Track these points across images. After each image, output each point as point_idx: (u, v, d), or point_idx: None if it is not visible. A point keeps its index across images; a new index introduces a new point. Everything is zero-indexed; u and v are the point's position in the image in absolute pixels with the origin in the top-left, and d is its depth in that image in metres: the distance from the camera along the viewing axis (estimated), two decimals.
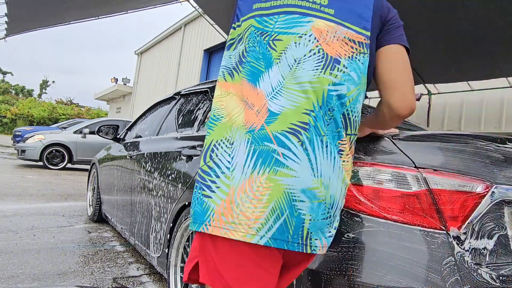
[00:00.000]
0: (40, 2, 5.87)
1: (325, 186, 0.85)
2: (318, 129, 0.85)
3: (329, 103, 0.86)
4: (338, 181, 0.88)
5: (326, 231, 0.89)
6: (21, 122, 24.11)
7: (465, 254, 1.01)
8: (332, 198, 0.87)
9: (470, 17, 4.03)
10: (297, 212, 0.83)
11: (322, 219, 0.86)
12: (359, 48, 0.90)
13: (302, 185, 0.83)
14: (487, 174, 1.09)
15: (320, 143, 0.85)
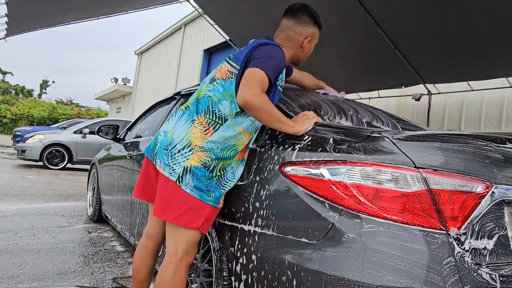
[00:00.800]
0: (40, 2, 5.87)
1: (174, 132, 1.45)
2: (189, 109, 1.50)
3: (199, 99, 1.49)
4: (182, 134, 1.42)
5: (165, 160, 1.41)
6: (22, 122, 24.12)
7: (465, 254, 1.01)
8: (173, 140, 1.43)
9: (470, 17, 4.03)
10: (156, 140, 1.50)
11: (163, 148, 1.43)
12: (231, 75, 1.46)
13: (164, 128, 1.51)
14: (487, 174, 1.09)
15: (183, 114, 1.49)
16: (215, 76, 1.51)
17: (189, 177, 1.36)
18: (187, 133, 1.41)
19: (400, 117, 2.44)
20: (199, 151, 1.38)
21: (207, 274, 1.61)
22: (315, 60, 6.48)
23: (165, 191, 1.39)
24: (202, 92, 1.50)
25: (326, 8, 5.15)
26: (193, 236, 1.41)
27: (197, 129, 1.41)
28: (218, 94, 1.44)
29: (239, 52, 1.50)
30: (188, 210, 1.36)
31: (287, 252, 1.17)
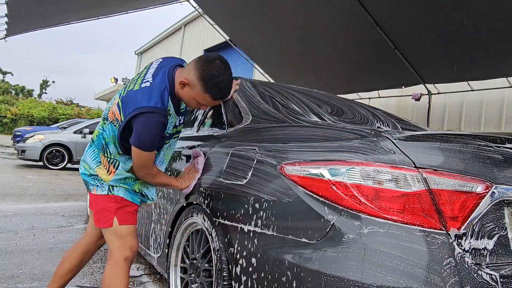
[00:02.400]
0: (40, 2, 5.87)
1: (90, 167, 1.61)
2: (96, 143, 1.62)
3: (98, 135, 1.61)
4: (94, 171, 1.60)
5: (95, 183, 1.59)
6: (22, 122, 24.12)
7: (465, 255, 1.01)
8: (93, 173, 1.60)
9: (470, 17, 4.03)
10: (82, 173, 1.65)
11: (89, 177, 1.61)
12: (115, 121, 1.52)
13: (84, 159, 1.65)
14: (487, 174, 1.09)
15: (91, 147, 1.64)
16: (108, 115, 1.58)
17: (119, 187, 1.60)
18: (96, 171, 1.60)
19: (400, 117, 2.44)
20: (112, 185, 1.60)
21: (207, 274, 1.61)
22: (316, 60, 6.53)
23: (94, 203, 1.63)
24: (98, 128, 1.64)
25: (326, 8, 5.15)
26: (117, 231, 1.57)
27: (102, 170, 1.59)
28: (108, 137, 1.57)
29: (129, 97, 1.47)
30: (102, 211, 1.59)
31: (287, 252, 1.17)
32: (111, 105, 1.60)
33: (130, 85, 1.54)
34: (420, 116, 6.26)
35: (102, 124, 1.60)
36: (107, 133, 1.55)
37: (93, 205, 1.63)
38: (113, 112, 1.54)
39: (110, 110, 1.57)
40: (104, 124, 1.58)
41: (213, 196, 1.57)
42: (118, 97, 1.55)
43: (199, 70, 1.47)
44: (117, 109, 1.51)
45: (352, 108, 2.18)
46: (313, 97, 2.11)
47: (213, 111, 2.18)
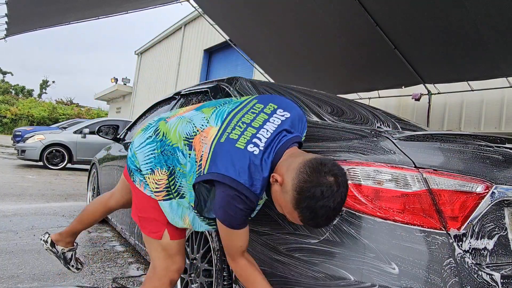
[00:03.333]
0: (40, 2, 5.87)
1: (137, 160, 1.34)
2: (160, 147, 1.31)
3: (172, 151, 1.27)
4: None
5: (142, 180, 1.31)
6: (23, 122, 24.12)
7: (465, 255, 1.01)
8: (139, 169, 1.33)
9: (470, 17, 4.03)
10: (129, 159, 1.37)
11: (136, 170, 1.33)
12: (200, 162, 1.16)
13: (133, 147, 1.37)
14: (487, 174, 1.09)
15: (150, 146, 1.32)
16: (193, 142, 1.19)
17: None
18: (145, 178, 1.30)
19: (400, 117, 2.44)
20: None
21: (207, 274, 1.61)
22: (316, 60, 6.51)
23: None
24: (177, 143, 1.23)
25: (327, 8, 5.15)
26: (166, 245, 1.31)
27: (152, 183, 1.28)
28: (182, 168, 1.23)
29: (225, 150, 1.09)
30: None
31: (287, 251, 1.17)
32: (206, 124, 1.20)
33: (236, 125, 1.14)
34: (420, 116, 6.26)
35: (184, 142, 1.21)
36: (185, 163, 1.20)
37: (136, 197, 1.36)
38: (201, 146, 1.15)
39: (197, 136, 1.18)
40: (185, 147, 1.20)
41: None
42: (218, 123, 1.18)
43: (301, 177, 1.00)
44: (207, 149, 1.12)
45: (352, 108, 2.18)
46: (313, 97, 2.11)
47: None
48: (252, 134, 1.10)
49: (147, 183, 1.29)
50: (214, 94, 2.23)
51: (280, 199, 1.06)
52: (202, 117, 1.23)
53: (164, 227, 1.30)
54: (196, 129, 1.20)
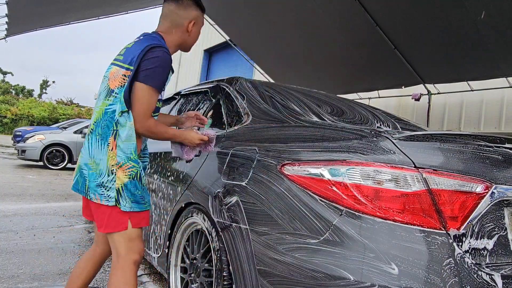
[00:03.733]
0: (40, 2, 5.87)
1: (96, 163, 1.43)
2: (95, 132, 1.46)
3: (102, 119, 1.46)
4: (104, 162, 1.42)
5: (99, 191, 1.41)
6: (23, 122, 24.12)
7: (465, 255, 1.01)
8: (100, 171, 1.42)
9: (470, 17, 4.03)
10: (82, 175, 1.47)
11: (94, 182, 1.42)
12: (125, 79, 1.44)
13: (84, 161, 1.47)
14: (487, 174, 1.09)
15: (94, 140, 1.46)
16: (110, 87, 1.46)
17: (124, 195, 1.41)
18: (107, 159, 1.41)
19: (400, 117, 2.44)
20: (119, 168, 1.41)
21: (207, 274, 1.61)
22: (316, 60, 6.52)
23: (98, 212, 1.46)
24: (102, 109, 1.45)
25: (326, 8, 5.15)
26: (127, 235, 1.44)
27: (110, 152, 1.42)
28: (118, 104, 1.42)
29: (127, 53, 1.47)
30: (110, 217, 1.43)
31: (287, 252, 1.17)
32: (104, 79, 1.54)
33: (120, 52, 1.55)
34: (420, 116, 6.26)
35: (106, 102, 1.45)
36: (117, 100, 1.42)
37: (95, 214, 1.47)
38: (120, 77, 1.43)
39: (112, 80, 1.46)
40: (110, 100, 1.44)
41: (213, 196, 1.57)
42: (108, 69, 1.53)
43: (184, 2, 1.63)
44: (122, 69, 1.44)
45: (352, 108, 2.18)
46: (313, 97, 2.11)
47: (213, 111, 2.18)
48: (130, 44, 1.57)
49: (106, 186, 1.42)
50: (214, 94, 2.23)
51: (195, 29, 1.68)
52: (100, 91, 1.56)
53: (127, 217, 1.43)
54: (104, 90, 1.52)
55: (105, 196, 1.41)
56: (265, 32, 6.50)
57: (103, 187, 1.41)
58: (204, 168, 1.75)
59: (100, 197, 1.41)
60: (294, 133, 1.44)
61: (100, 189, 1.41)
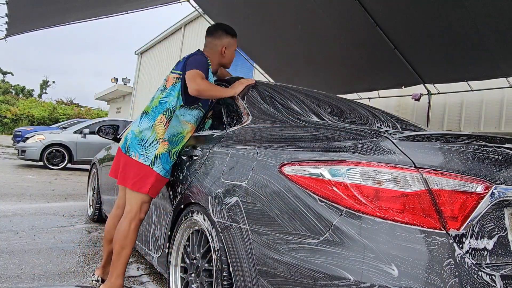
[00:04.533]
0: (40, 2, 5.87)
1: (141, 132, 1.99)
2: (150, 114, 2.04)
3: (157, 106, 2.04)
4: (149, 132, 1.98)
5: (139, 151, 1.95)
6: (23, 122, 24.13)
7: (465, 255, 1.01)
8: (143, 137, 1.98)
9: (470, 17, 4.03)
10: (126, 139, 2.02)
11: (136, 144, 1.97)
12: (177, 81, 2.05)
13: (132, 129, 2.04)
14: (487, 174, 1.09)
15: (145, 117, 2.03)
16: (166, 86, 2.06)
17: (159, 161, 1.96)
18: (152, 131, 1.98)
19: (400, 117, 2.44)
20: (162, 142, 1.98)
21: (207, 274, 1.61)
22: (316, 60, 6.52)
23: (131, 169, 1.96)
24: (157, 100, 2.05)
25: (326, 8, 5.15)
26: (144, 198, 1.96)
27: (159, 127, 1.98)
28: (171, 97, 2.02)
29: (178, 65, 2.10)
30: (141, 179, 1.94)
31: (287, 252, 1.17)
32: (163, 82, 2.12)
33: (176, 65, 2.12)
34: (420, 116, 6.26)
35: (161, 95, 2.04)
36: (170, 94, 2.02)
37: (127, 169, 1.97)
38: (172, 80, 2.05)
39: (166, 82, 2.07)
40: (163, 94, 2.04)
41: (213, 196, 1.57)
42: (167, 77, 2.10)
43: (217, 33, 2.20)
44: (173, 75, 2.06)
45: (352, 108, 2.18)
46: (313, 97, 2.11)
47: (213, 111, 2.18)
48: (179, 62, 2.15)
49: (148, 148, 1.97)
50: None
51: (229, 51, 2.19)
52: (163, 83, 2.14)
53: (149, 186, 1.93)
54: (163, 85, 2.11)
55: (144, 157, 1.94)
56: (265, 32, 6.50)
57: (145, 150, 1.95)
58: (204, 168, 1.75)
59: (140, 156, 1.95)
60: (294, 133, 1.44)
61: (141, 150, 1.95)
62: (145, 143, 1.95)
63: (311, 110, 1.84)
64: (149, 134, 1.96)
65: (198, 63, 1.99)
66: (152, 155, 1.94)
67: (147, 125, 1.98)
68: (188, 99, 2.02)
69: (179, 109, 2.02)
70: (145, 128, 1.98)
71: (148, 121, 2.00)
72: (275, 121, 1.65)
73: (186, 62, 2.01)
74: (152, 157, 1.94)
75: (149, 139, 1.96)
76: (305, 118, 1.66)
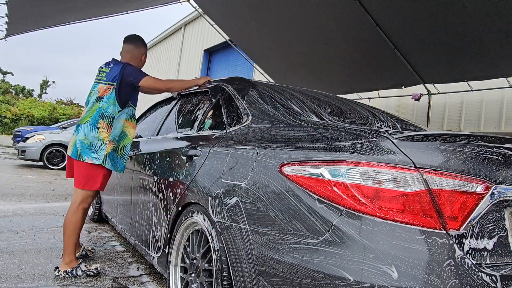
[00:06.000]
0: (40, 2, 5.86)
1: (88, 139, 2.34)
2: (90, 122, 2.37)
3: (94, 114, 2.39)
4: (95, 137, 2.35)
5: (91, 154, 2.33)
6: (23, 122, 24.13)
7: (465, 255, 1.01)
8: (92, 143, 2.33)
9: (470, 17, 4.03)
10: (76, 147, 2.35)
11: (87, 149, 2.32)
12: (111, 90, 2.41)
13: (79, 138, 2.37)
14: (487, 174, 1.09)
15: (87, 126, 2.37)
16: (99, 96, 2.40)
17: (108, 159, 2.38)
18: (98, 136, 2.36)
19: (400, 117, 2.44)
20: (109, 143, 2.38)
21: (207, 274, 1.61)
22: (316, 60, 6.51)
23: (82, 172, 2.36)
24: (94, 109, 2.39)
25: (326, 8, 5.15)
26: (89, 193, 2.41)
27: (103, 132, 2.37)
28: (106, 105, 2.38)
29: (108, 75, 2.43)
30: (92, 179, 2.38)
31: (287, 252, 1.17)
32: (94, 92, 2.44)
33: (101, 75, 2.47)
34: (420, 116, 6.26)
35: (96, 105, 2.39)
36: (105, 102, 2.38)
37: (79, 172, 2.36)
38: (105, 90, 2.40)
39: (99, 92, 2.41)
40: (99, 103, 2.39)
41: (213, 196, 1.57)
42: (96, 85, 2.46)
43: (138, 43, 2.66)
44: (105, 85, 2.41)
45: (352, 108, 2.18)
46: (313, 97, 2.11)
47: (213, 111, 2.18)
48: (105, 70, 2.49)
49: (97, 150, 2.36)
50: (214, 94, 2.23)
51: (145, 59, 2.68)
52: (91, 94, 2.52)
53: (99, 183, 2.40)
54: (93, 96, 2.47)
55: (96, 158, 2.34)
56: (265, 32, 6.50)
57: (95, 153, 2.34)
58: (204, 168, 1.75)
59: (93, 158, 2.33)
60: (294, 133, 1.44)
61: (93, 153, 2.34)
62: (94, 147, 2.34)
63: (311, 110, 1.84)
64: (96, 139, 2.35)
65: (138, 71, 2.46)
66: (102, 155, 2.34)
67: (93, 133, 2.35)
68: (122, 103, 2.42)
69: (117, 114, 2.41)
70: (92, 136, 2.35)
71: (92, 129, 2.36)
72: (275, 121, 1.65)
73: (121, 75, 2.39)
74: (103, 157, 2.34)
75: (97, 144, 2.34)
76: (305, 118, 1.66)
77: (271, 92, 1.95)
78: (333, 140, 1.26)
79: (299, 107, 1.82)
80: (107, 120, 2.36)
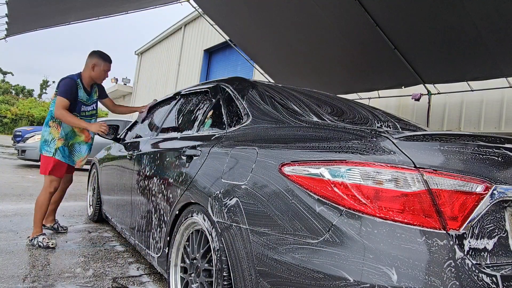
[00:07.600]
0: (40, 2, 5.86)
1: (43, 136, 3.03)
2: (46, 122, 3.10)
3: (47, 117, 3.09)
4: (49, 135, 3.00)
5: (46, 148, 2.98)
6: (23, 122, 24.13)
7: (465, 255, 1.01)
8: (46, 139, 3.00)
9: (470, 17, 4.03)
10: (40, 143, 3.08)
11: (43, 144, 3.00)
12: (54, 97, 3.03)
13: (41, 135, 3.08)
14: (487, 174, 1.09)
15: (44, 124, 3.09)
16: (51, 100, 3.00)
17: (58, 152, 2.96)
18: (49, 134, 2.97)
19: (400, 117, 2.44)
20: (58, 139, 2.97)
21: (207, 274, 1.61)
22: (316, 60, 6.51)
23: (42, 162, 2.97)
24: (48, 111, 3.04)
25: (326, 8, 5.15)
26: (51, 178, 2.96)
27: (53, 130, 2.98)
28: (52, 108, 2.96)
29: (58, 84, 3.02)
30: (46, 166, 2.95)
31: (287, 252, 1.17)
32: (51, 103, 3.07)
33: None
34: (420, 116, 6.27)
35: (50, 108, 3.01)
36: (52, 107, 2.99)
37: (41, 162, 2.97)
38: (53, 95, 3.00)
39: (52, 97, 3.08)
40: (51, 106, 3.01)
41: (213, 196, 1.57)
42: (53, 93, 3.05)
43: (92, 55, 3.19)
44: (55, 92, 2.99)
45: (352, 108, 2.18)
46: (313, 97, 2.11)
47: (213, 111, 2.18)
48: None
49: (50, 145, 2.97)
50: (214, 94, 2.24)
51: (98, 69, 3.14)
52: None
53: (51, 169, 2.93)
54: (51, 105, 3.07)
55: (49, 151, 2.94)
56: (265, 32, 6.50)
57: (48, 147, 2.95)
58: (204, 168, 1.75)
59: (47, 152, 2.94)
60: (294, 133, 1.44)
61: (47, 147, 2.95)
62: (48, 143, 2.95)
63: (311, 110, 1.84)
64: (49, 136, 2.96)
65: (66, 87, 2.92)
66: (53, 149, 2.94)
67: (47, 131, 2.98)
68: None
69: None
70: (46, 133, 2.98)
71: (46, 128, 3.00)
72: (275, 121, 1.65)
73: (58, 84, 2.97)
74: (53, 150, 2.94)
75: (50, 140, 2.96)
76: (305, 118, 1.66)
77: (271, 92, 1.95)
78: (333, 140, 1.26)
79: (299, 107, 1.82)
80: (56, 120, 2.97)
